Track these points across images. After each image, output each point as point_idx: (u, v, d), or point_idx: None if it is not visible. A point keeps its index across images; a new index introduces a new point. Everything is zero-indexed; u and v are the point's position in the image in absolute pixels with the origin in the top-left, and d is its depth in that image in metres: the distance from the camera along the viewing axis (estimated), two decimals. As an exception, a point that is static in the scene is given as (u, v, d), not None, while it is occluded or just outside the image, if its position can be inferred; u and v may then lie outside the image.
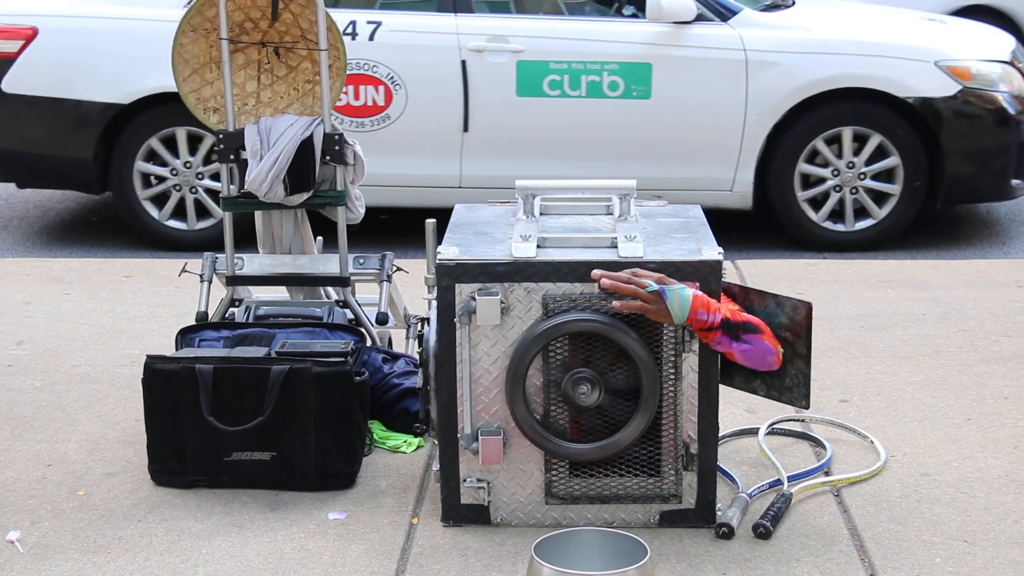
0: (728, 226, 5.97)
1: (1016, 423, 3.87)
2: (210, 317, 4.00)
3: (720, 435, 3.36)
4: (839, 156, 6.11)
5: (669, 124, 6.02)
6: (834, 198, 6.14)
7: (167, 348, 3.90)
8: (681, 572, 3.02)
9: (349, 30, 5.98)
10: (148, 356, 3.47)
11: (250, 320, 3.95)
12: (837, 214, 6.20)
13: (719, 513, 3.22)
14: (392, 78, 5.98)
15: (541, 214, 3.44)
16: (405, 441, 3.71)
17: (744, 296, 3.19)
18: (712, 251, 3.14)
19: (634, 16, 6.21)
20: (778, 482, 3.41)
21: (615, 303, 3.04)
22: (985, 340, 4.60)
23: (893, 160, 6.08)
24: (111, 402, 4.04)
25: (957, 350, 4.50)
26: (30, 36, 6.06)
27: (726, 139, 6.05)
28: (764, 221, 6.45)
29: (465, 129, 6.03)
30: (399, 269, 4.16)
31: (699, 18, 6.02)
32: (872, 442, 3.69)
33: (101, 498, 3.41)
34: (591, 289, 3.09)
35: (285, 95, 4.15)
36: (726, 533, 3.17)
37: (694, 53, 5.99)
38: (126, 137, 6.11)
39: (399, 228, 6.35)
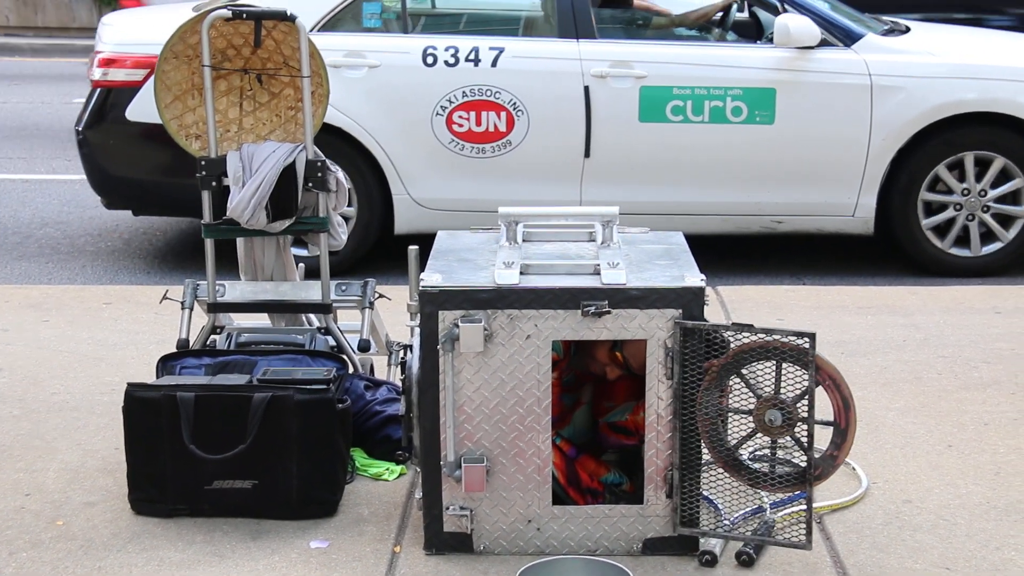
0: (707, 251, 5.99)
1: (996, 450, 3.88)
2: (191, 344, 3.99)
3: (703, 462, 3.36)
4: (961, 181, 6.06)
5: (792, 149, 5.98)
6: (960, 224, 6.09)
7: (148, 376, 3.88)
8: (665, 600, 3.02)
9: (472, 56, 5.95)
10: (128, 384, 3.45)
11: (231, 347, 3.93)
12: (961, 239, 6.14)
13: (702, 541, 3.22)
14: (515, 104, 5.94)
15: (524, 241, 3.45)
16: (387, 468, 3.69)
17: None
18: (695, 278, 3.15)
19: (739, 42, 6.21)
20: (761, 509, 3.41)
21: None
22: (964, 366, 4.62)
23: (1018, 183, 6.05)
24: (90, 430, 4.01)
25: (937, 376, 4.52)
26: (154, 65, 6.02)
27: (849, 164, 6.00)
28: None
29: (587, 155, 5.99)
30: (381, 296, 4.16)
31: (823, 43, 5.99)
32: (854, 469, 3.70)
33: (80, 528, 3.38)
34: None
35: (268, 122, 4.16)
36: (709, 561, 3.16)
37: (819, 78, 5.95)
38: None
39: (381, 254, 6.34)
